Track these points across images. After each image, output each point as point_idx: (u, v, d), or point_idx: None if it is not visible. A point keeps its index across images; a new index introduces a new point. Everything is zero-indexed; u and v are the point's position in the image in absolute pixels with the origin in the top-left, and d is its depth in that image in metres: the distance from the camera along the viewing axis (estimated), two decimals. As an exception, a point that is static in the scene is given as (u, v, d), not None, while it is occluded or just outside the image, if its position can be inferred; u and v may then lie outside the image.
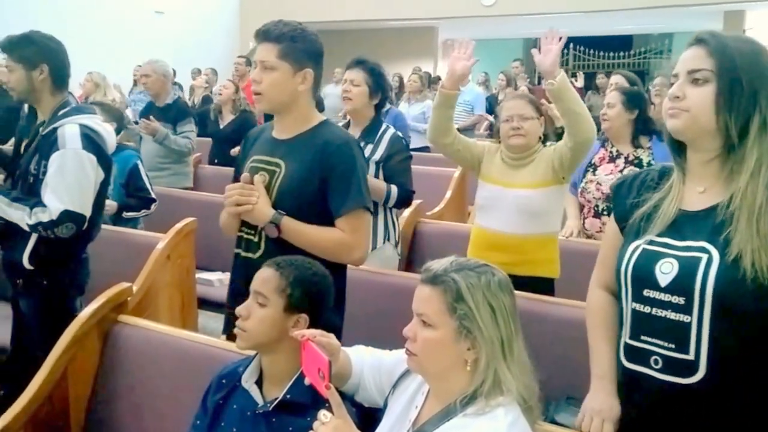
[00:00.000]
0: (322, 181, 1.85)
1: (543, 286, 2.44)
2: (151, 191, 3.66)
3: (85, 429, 2.05)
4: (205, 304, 3.46)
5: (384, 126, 2.86)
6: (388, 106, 5.48)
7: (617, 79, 4.09)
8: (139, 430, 1.98)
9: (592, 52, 15.01)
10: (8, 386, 2.36)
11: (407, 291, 2.27)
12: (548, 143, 2.56)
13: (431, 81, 8.70)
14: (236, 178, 2.01)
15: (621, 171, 3.04)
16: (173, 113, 4.41)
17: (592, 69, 13.90)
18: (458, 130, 2.61)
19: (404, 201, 2.80)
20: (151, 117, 4.29)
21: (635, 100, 3.09)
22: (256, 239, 1.91)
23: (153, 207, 3.67)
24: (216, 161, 5.53)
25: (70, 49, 2.44)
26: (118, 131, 3.61)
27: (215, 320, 3.79)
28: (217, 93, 5.64)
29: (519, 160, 2.50)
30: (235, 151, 5.31)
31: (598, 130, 2.71)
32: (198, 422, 1.59)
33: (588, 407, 1.43)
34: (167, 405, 1.95)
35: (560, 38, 2.29)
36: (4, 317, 2.50)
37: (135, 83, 6.81)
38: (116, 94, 5.61)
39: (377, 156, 2.73)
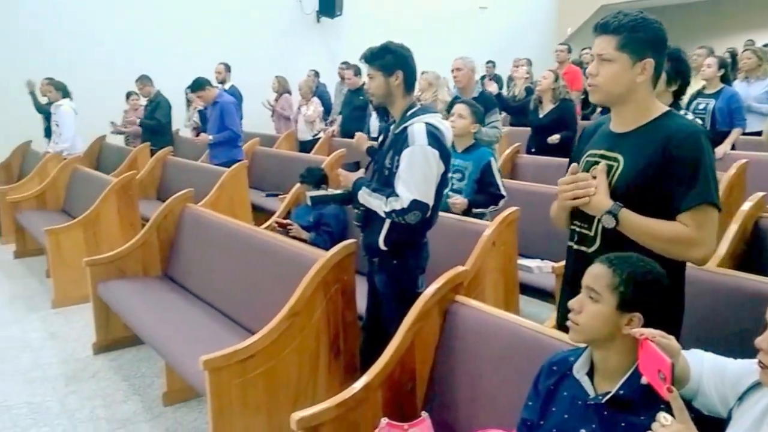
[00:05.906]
0: (665, 175, 1.75)
1: None
2: (501, 187, 3.68)
3: (429, 391, 2.30)
4: (524, 289, 3.58)
5: (682, 113, 2.67)
6: (720, 85, 5.04)
7: None
8: (473, 399, 2.16)
9: None
10: (365, 348, 2.80)
11: (747, 293, 2.10)
12: None
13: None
14: None
15: None
16: (481, 106, 4.60)
17: None
18: None
19: None
20: None
21: None
22: (591, 233, 1.88)
23: (501, 203, 3.66)
24: (533, 150, 5.60)
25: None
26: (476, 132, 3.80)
27: (533, 305, 3.91)
28: (537, 83, 5.71)
29: None
30: (553, 138, 5.34)
31: None
32: (530, 403, 1.69)
33: None
34: (497, 382, 2.09)
35: None
36: (365, 290, 2.91)
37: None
38: (445, 92, 6.00)
39: None
